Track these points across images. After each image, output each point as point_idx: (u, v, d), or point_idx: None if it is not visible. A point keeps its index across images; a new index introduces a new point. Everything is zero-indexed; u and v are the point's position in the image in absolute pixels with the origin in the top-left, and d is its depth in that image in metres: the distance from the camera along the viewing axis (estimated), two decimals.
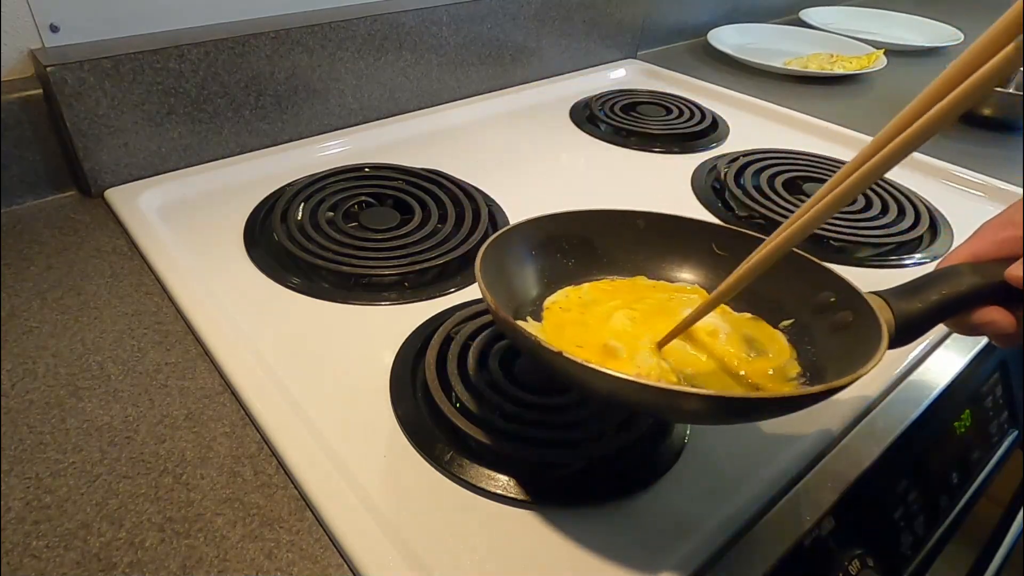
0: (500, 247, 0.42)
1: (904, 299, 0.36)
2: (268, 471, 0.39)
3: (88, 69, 0.58)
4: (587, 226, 0.46)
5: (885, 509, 0.45)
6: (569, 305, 0.45)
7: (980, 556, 0.62)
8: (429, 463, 0.40)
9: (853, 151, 0.81)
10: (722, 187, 0.72)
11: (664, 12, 1.14)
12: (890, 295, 0.37)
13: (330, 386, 0.45)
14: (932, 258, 0.63)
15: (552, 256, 0.46)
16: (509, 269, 0.43)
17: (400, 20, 0.76)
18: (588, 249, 0.47)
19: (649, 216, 0.47)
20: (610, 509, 0.38)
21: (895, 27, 1.36)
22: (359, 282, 0.55)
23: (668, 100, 0.92)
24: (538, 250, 0.45)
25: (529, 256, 0.45)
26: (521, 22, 0.88)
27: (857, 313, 0.37)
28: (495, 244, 0.41)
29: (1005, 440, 0.58)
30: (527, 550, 0.36)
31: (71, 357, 0.46)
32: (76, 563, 0.34)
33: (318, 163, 0.71)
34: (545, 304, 0.45)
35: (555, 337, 0.42)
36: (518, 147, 0.79)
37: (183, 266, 0.54)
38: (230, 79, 0.67)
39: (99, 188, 0.64)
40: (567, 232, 0.46)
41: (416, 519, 0.37)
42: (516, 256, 0.44)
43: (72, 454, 0.40)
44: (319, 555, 0.35)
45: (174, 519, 0.37)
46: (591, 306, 0.44)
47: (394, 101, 0.81)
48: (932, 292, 0.36)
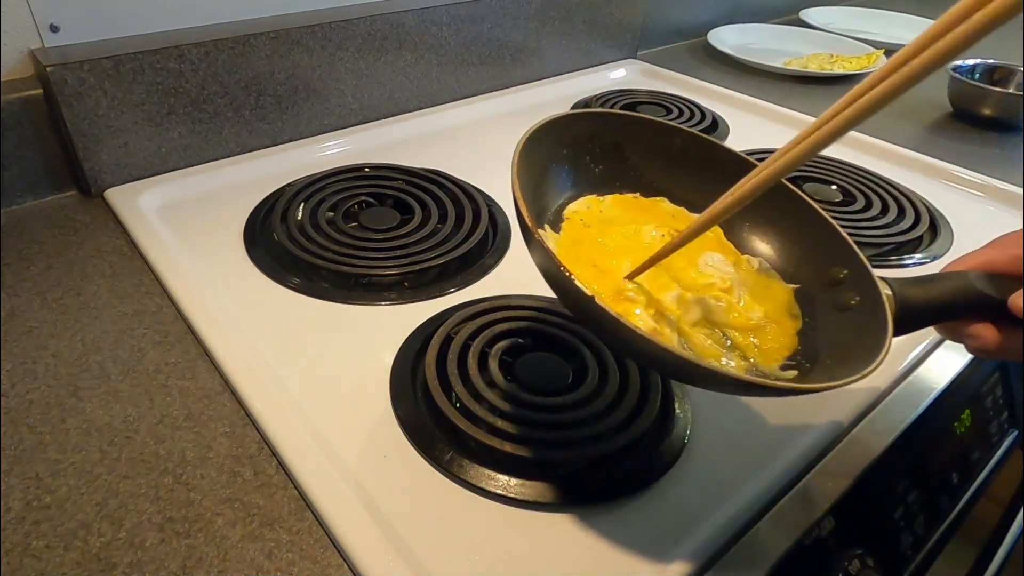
0: (536, 143, 0.39)
1: (910, 291, 0.36)
2: (268, 471, 0.39)
3: (88, 69, 0.58)
4: (623, 131, 0.44)
5: (885, 509, 0.45)
6: (590, 219, 0.43)
7: (980, 556, 0.62)
8: (429, 463, 0.40)
9: (853, 151, 0.82)
10: None
11: (664, 12, 1.13)
12: (897, 284, 0.36)
13: (330, 386, 0.45)
14: (932, 258, 0.63)
15: (582, 158, 0.44)
16: (539, 168, 0.41)
17: (400, 20, 0.76)
18: (619, 157, 0.45)
19: (687, 136, 0.45)
20: (610, 509, 0.38)
21: (895, 27, 1.36)
22: (359, 282, 0.55)
23: (668, 100, 0.92)
24: (569, 149, 0.43)
25: (559, 156, 0.43)
26: (521, 22, 0.88)
27: (864, 298, 0.37)
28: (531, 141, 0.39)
29: (1005, 440, 0.58)
30: (527, 550, 0.36)
31: (71, 357, 0.46)
32: (76, 563, 0.34)
33: (318, 163, 0.71)
34: (566, 213, 0.43)
35: (570, 252, 0.40)
36: None
37: (183, 266, 0.54)
38: (230, 79, 0.67)
39: (99, 188, 0.64)
40: (602, 132, 0.44)
41: (416, 519, 0.37)
42: (548, 153, 0.42)
43: (72, 454, 0.40)
44: (319, 555, 0.35)
45: (174, 519, 0.37)
46: (611, 224, 0.43)
47: (394, 101, 0.81)
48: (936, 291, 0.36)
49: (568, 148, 0.43)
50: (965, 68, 0.98)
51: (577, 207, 0.44)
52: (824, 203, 0.69)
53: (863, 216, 0.67)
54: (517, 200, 0.34)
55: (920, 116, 0.94)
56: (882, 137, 0.83)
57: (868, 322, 0.35)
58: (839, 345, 0.37)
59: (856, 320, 0.37)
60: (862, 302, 0.37)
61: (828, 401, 0.46)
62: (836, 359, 0.36)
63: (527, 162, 0.38)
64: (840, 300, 0.38)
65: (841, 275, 0.39)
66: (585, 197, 0.44)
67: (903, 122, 0.92)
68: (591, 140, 0.44)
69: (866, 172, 0.75)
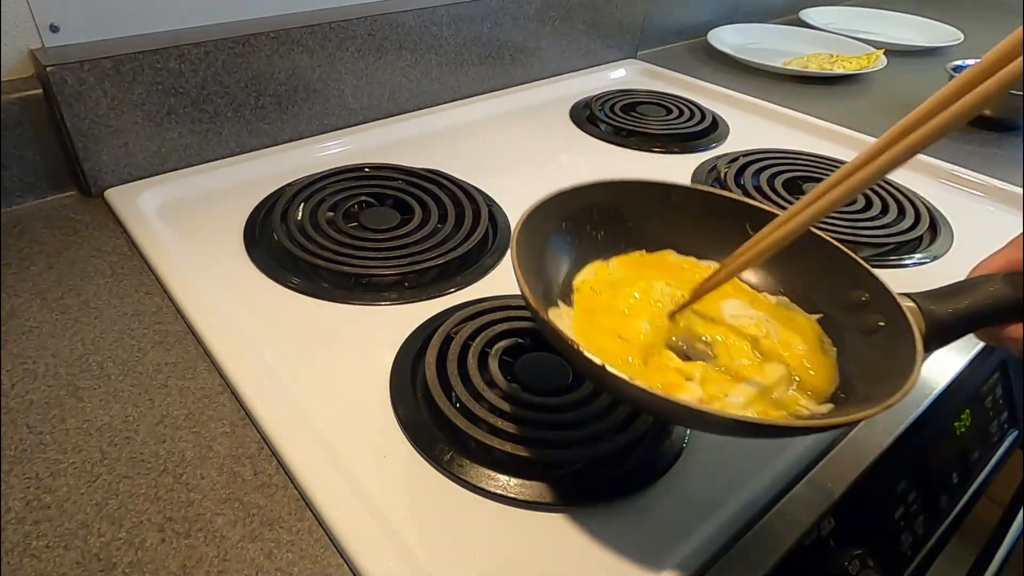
0: (533, 225, 0.40)
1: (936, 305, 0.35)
2: (268, 471, 0.39)
3: (88, 69, 0.58)
4: (619, 196, 0.45)
5: (885, 509, 0.45)
6: (599, 286, 0.43)
7: (980, 556, 0.62)
8: (429, 463, 0.40)
9: (853, 151, 0.82)
10: (722, 187, 0.72)
11: (664, 12, 1.13)
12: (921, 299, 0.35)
13: (330, 386, 0.45)
14: (932, 258, 0.63)
15: (582, 228, 0.44)
16: (540, 246, 0.42)
17: (400, 20, 0.76)
18: (618, 221, 0.45)
19: (684, 190, 0.45)
20: (610, 509, 0.38)
21: (895, 27, 1.36)
22: (359, 282, 0.55)
23: (668, 100, 0.92)
24: (568, 222, 0.44)
25: (560, 229, 0.43)
26: (521, 22, 0.88)
27: (889, 318, 0.36)
28: (528, 224, 0.39)
29: (1005, 440, 0.58)
30: (527, 550, 0.36)
31: (71, 357, 0.46)
32: (76, 563, 0.34)
33: (318, 163, 0.71)
34: (575, 284, 0.43)
35: (588, 323, 0.40)
36: (518, 147, 0.79)
37: (183, 266, 0.54)
38: (230, 79, 0.67)
39: (99, 188, 0.64)
40: (599, 202, 0.45)
41: (416, 519, 0.37)
42: (547, 231, 0.42)
43: (72, 454, 0.40)
44: (319, 555, 0.35)
45: (174, 519, 0.37)
46: (621, 287, 0.43)
47: (394, 101, 0.81)
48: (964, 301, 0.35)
49: (567, 221, 0.44)
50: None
51: (585, 276, 0.44)
52: None
53: (863, 216, 0.67)
54: (520, 285, 0.35)
55: None
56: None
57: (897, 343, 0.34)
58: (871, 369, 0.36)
59: (885, 342, 0.36)
60: (888, 324, 0.36)
61: None
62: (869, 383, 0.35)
63: (527, 244, 0.39)
64: (866, 323, 0.37)
65: (863, 298, 0.38)
66: (591, 264, 0.45)
67: None
68: (588, 210, 0.45)
69: None
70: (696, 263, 0.45)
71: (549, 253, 0.43)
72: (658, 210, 0.45)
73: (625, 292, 0.42)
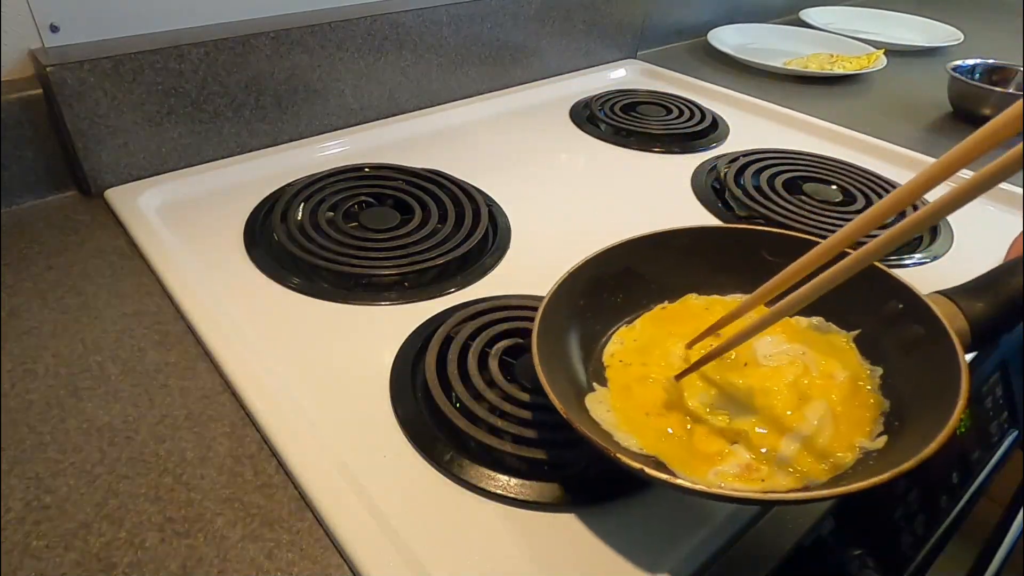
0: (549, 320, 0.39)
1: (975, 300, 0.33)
2: (268, 471, 0.39)
3: (88, 69, 0.58)
4: (627, 257, 0.44)
5: (885, 509, 0.45)
6: (628, 356, 0.42)
7: (980, 556, 0.62)
8: (429, 463, 0.40)
9: (853, 151, 0.82)
10: (722, 187, 0.72)
11: (664, 12, 1.13)
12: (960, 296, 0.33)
13: (330, 386, 0.45)
14: (932, 258, 0.63)
15: (599, 298, 0.44)
16: (563, 331, 0.41)
17: (400, 20, 0.76)
18: (634, 280, 0.45)
19: (683, 232, 0.45)
20: (610, 509, 0.38)
21: (895, 27, 1.36)
22: (359, 282, 0.55)
23: (668, 100, 0.92)
24: (586, 298, 0.43)
25: (579, 307, 0.43)
26: (521, 22, 0.88)
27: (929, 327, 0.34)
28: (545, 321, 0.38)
29: (1005, 440, 0.58)
30: (527, 550, 0.36)
31: (71, 357, 0.46)
32: (76, 563, 0.34)
33: (318, 163, 0.71)
34: (605, 361, 0.43)
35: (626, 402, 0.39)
36: (518, 147, 0.79)
37: (183, 266, 0.54)
38: (230, 79, 0.67)
39: (99, 188, 0.64)
40: (608, 270, 0.44)
41: (416, 519, 0.37)
42: (566, 314, 0.42)
43: (72, 454, 0.40)
44: (319, 555, 0.35)
45: (174, 519, 0.37)
46: (648, 352, 0.42)
47: (394, 101, 0.81)
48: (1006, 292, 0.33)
49: (583, 299, 0.43)
50: (965, 68, 0.98)
51: (612, 349, 0.43)
52: (824, 203, 0.70)
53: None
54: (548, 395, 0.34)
55: (920, 116, 0.94)
56: (882, 137, 0.83)
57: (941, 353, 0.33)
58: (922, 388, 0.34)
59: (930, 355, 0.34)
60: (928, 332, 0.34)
61: None
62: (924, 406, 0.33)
63: (548, 339, 0.38)
64: (905, 336, 0.36)
65: (899, 308, 0.36)
66: (617, 333, 0.44)
67: (903, 122, 0.92)
68: (599, 281, 0.44)
69: (866, 172, 0.75)
70: (720, 299, 0.45)
71: (573, 338, 0.42)
72: (666, 258, 0.45)
73: (655, 357, 0.41)
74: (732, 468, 0.33)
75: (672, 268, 0.45)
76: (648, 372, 0.41)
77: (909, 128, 0.90)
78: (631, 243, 0.44)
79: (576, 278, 0.42)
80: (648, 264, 0.45)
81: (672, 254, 0.45)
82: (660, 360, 0.41)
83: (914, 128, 0.91)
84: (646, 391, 0.40)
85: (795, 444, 0.35)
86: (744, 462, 0.34)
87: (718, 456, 0.35)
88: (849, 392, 0.37)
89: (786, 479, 0.33)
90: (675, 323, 0.44)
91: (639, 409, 0.39)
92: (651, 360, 0.42)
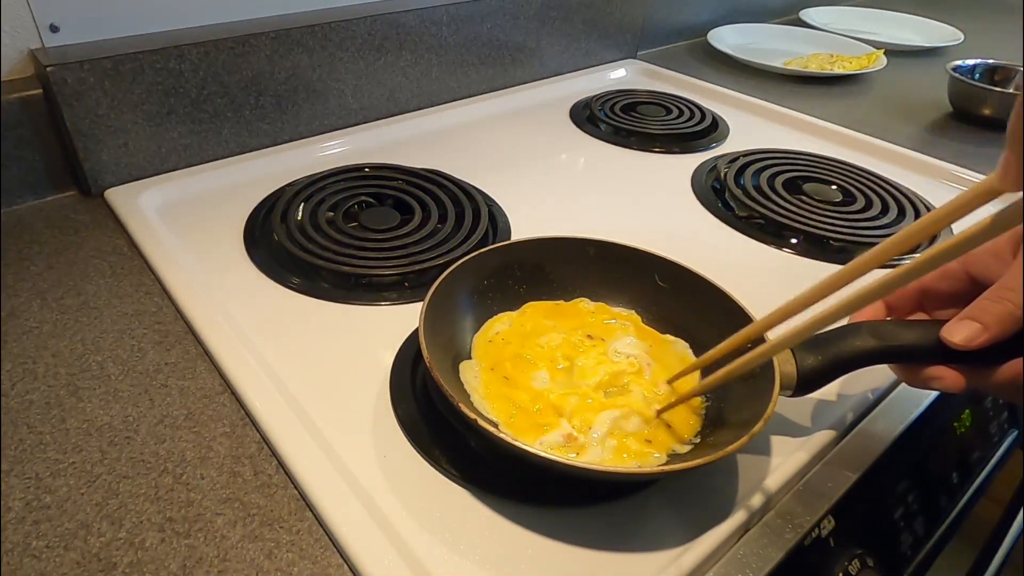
0: (454, 280, 0.45)
1: (810, 352, 0.39)
2: (268, 471, 0.39)
3: (88, 69, 0.58)
4: (540, 253, 0.49)
5: (885, 509, 0.45)
6: (510, 336, 0.47)
7: (980, 556, 0.62)
8: (429, 463, 0.40)
9: (853, 151, 0.82)
10: (722, 187, 0.72)
11: (664, 12, 1.14)
12: (799, 348, 0.39)
13: (330, 386, 0.45)
14: None
15: (504, 283, 0.49)
16: (461, 300, 0.46)
17: (400, 20, 0.76)
18: (540, 275, 0.50)
19: (599, 244, 0.49)
20: (610, 508, 0.38)
21: (895, 27, 1.36)
22: (359, 282, 0.55)
23: (668, 100, 0.92)
24: (492, 279, 0.48)
25: (482, 286, 0.48)
26: (521, 22, 0.88)
27: (764, 368, 0.39)
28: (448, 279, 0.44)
29: (1005, 440, 0.58)
30: (526, 550, 0.36)
31: (71, 357, 0.46)
32: (76, 563, 0.34)
33: (318, 163, 0.71)
34: (489, 336, 0.47)
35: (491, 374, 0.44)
36: (518, 147, 0.79)
37: (183, 266, 0.54)
38: (230, 79, 0.67)
39: (99, 188, 0.64)
40: (520, 260, 0.49)
41: (416, 519, 0.37)
42: (470, 287, 0.47)
43: (72, 454, 0.40)
44: (319, 555, 0.35)
45: (174, 519, 0.37)
46: (532, 335, 0.46)
47: (394, 101, 0.81)
48: (831, 349, 0.39)
49: (489, 278, 0.48)
50: (965, 68, 0.98)
51: (499, 327, 0.47)
52: (824, 203, 0.70)
53: (863, 216, 0.67)
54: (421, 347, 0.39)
55: (920, 116, 0.94)
56: (882, 137, 0.83)
57: (764, 386, 0.38)
58: (741, 408, 0.40)
59: (756, 385, 0.39)
60: (763, 370, 0.39)
61: (827, 403, 0.46)
62: (738, 422, 0.38)
63: (445, 301, 0.44)
64: None
65: (748, 346, 0.40)
66: (507, 314, 0.48)
67: (903, 122, 0.92)
68: (510, 267, 0.49)
69: (866, 172, 0.75)
70: (607, 307, 0.50)
71: (468, 310, 0.47)
72: (576, 262, 0.50)
73: (532, 343, 0.46)
74: (556, 438, 0.39)
75: (575, 272, 0.50)
76: (522, 352, 0.45)
77: (909, 128, 0.90)
78: (549, 241, 0.49)
79: (488, 257, 0.47)
80: (556, 263, 0.50)
81: (580, 259, 0.50)
82: (536, 347, 0.46)
83: (914, 128, 0.91)
84: (515, 368, 0.44)
85: (606, 427, 0.40)
86: (566, 432, 0.40)
87: (548, 427, 0.40)
88: (669, 400, 0.42)
89: (601, 456, 0.39)
90: (560, 318, 0.48)
91: (502, 383, 0.43)
92: (528, 344, 0.46)
